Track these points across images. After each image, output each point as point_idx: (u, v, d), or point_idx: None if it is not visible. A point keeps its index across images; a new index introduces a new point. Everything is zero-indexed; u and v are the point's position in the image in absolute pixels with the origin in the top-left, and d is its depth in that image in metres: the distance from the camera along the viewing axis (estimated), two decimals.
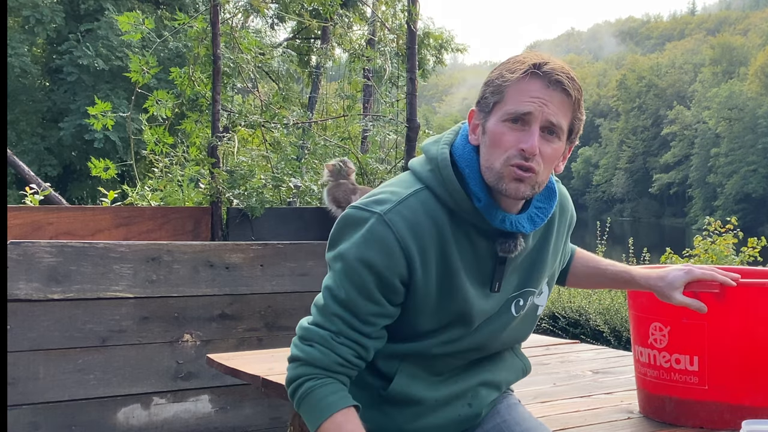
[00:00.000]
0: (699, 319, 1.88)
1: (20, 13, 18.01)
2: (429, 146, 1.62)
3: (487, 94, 1.53)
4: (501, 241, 1.58)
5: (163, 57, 14.56)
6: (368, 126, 5.01)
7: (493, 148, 1.51)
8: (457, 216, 1.55)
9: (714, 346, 1.90)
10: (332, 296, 1.54)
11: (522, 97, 1.49)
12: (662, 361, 1.97)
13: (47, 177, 17.05)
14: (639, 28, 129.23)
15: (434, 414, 1.66)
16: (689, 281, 1.82)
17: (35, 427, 3.15)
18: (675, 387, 1.95)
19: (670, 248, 7.13)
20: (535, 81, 1.49)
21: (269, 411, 3.61)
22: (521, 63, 1.51)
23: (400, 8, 4.96)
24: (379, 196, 1.56)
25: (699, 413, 1.92)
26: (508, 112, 1.49)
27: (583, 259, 1.95)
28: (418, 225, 1.52)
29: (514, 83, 1.50)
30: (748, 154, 62.41)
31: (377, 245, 1.50)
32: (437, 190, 1.55)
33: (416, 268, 1.52)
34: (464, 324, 1.61)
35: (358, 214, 1.54)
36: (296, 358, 1.55)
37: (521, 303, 1.67)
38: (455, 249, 1.55)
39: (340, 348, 1.52)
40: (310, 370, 1.53)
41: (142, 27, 4.49)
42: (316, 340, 1.53)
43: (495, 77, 1.53)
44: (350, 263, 1.51)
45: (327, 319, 1.54)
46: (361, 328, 1.53)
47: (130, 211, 4.08)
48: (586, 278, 1.95)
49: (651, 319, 1.98)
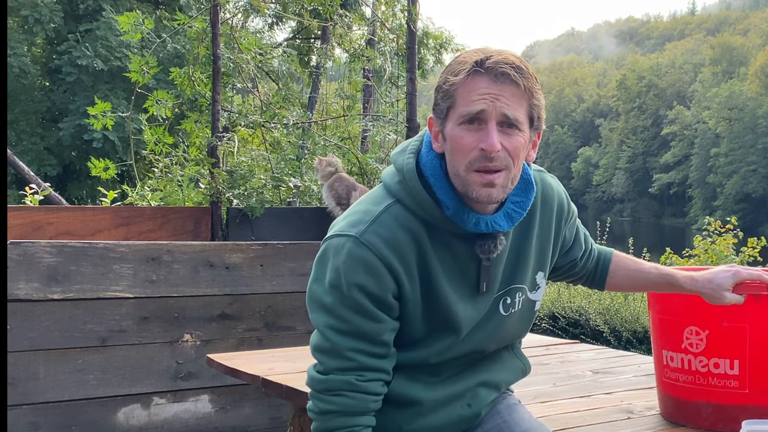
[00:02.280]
0: (740, 323, 1.87)
1: (19, 13, 18.00)
2: (396, 156, 1.59)
3: (439, 100, 1.50)
4: (480, 243, 1.55)
5: (162, 57, 14.55)
6: (368, 126, 5.00)
7: (455, 153, 1.48)
8: (431, 225, 1.53)
9: (756, 349, 1.88)
10: (337, 331, 1.51)
11: (471, 97, 1.45)
12: (698, 365, 1.94)
13: (47, 177, 17.04)
14: (639, 28, 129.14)
15: (434, 414, 1.66)
16: (736, 282, 1.79)
17: (35, 427, 3.15)
18: (713, 392, 1.93)
19: (670, 248, 7.13)
20: (481, 78, 1.45)
21: (269, 411, 3.61)
22: (464, 63, 1.47)
23: (399, 8, 4.96)
24: (352, 218, 1.54)
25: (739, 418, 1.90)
26: (461, 115, 1.46)
27: (623, 263, 1.91)
28: (395, 240, 1.51)
29: (461, 85, 1.46)
30: (748, 154, 62.41)
31: (361, 268, 1.49)
32: (407, 202, 1.53)
33: (403, 282, 1.51)
34: (453, 332, 1.59)
35: (335, 242, 1.53)
36: (326, 411, 1.52)
37: (509, 301, 1.65)
38: (435, 258, 1.54)
39: (368, 386, 1.52)
40: (344, 422, 1.52)
41: (141, 27, 4.49)
42: (342, 389, 1.51)
43: (442, 82, 1.49)
44: (344, 292, 1.49)
45: (343, 359, 1.51)
46: (377, 350, 1.52)
47: (130, 211, 4.08)
48: (628, 282, 1.92)
49: (685, 323, 1.96)
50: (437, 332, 1.59)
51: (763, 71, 66.76)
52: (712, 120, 67.51)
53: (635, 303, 6.64)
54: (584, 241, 1.86)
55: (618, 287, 1.94)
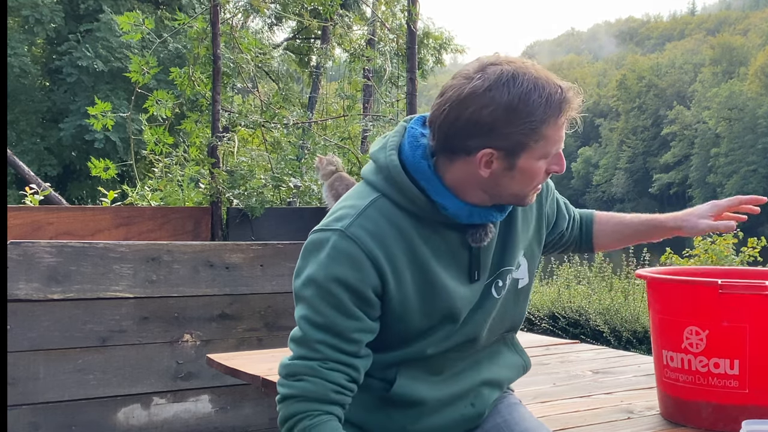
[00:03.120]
0: (740, 323, 1.87)
1: (20, 13, 18.02)
2: (377, 154, 1.58)
3: (517, 134, 1.45)
4: (471, 232, 1.57)
5: (163, 57, 14.56)
6: (368, 126, 5.01)
7: (529, 180, 1.52)
8: (419, 217, 1.53)
9: (756, 349, 1.88)
10: (310, 323, 1.50)
11: (558, 135, 1.50)
12: (698, 365, 1.94)
13: (47, 177, 17.06)
14: (639, 28, 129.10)
15: (437, 414, 1.66)
16: (715, 212, 1.88)
17: (35, 427, 3.15)
18: (713, 392, 1.93)
19: (670, 248, 7.13)
20: (564, 117, 1.49)
21: (269, 411, 3.61)
22: (552, 102, 1.46)
23: (399, 8, 4.96)
24: (338, 213, 1.54)
25: (739, 418, 1.90)
26: (547, 153, 1.50)
27: (605, 219, 1.96)
28: (381, 234, 1.50)
29: (551, 127, 1.47)
30: (748, 154, 62.43)
31: (345, 261, 1.48)
32: (394, 197, 1.53)
33: (388, 278, 1.50)
34: (451, 320, 1.60)
35: (319, 236, 1.52)
36: (287, 396, 1.51)
37: (500, 284, 1.66)
38: (426, 248, 1.54)
39: (330, 374, 1.49)
40: (304, 407, 1.49)
41: (141, 27, 4.49)
42: (304, 373, 1.49)
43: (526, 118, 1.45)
44: (322, 285, 1.48)
45: (310, 349, 1.50)
46: (347, 347, 1.50)
47: (130, 211, 4.09)
48: (614, 236, 1.95)
49: (685, 323, 1.95)
50: (435, 322, 1.59)
51: (763, 71, 66.76)
52: (712, 120, 67.52)
53: (635, 303, 6.65)
54: (566, 211, 1.89)
55: (606, 245, 1.98)
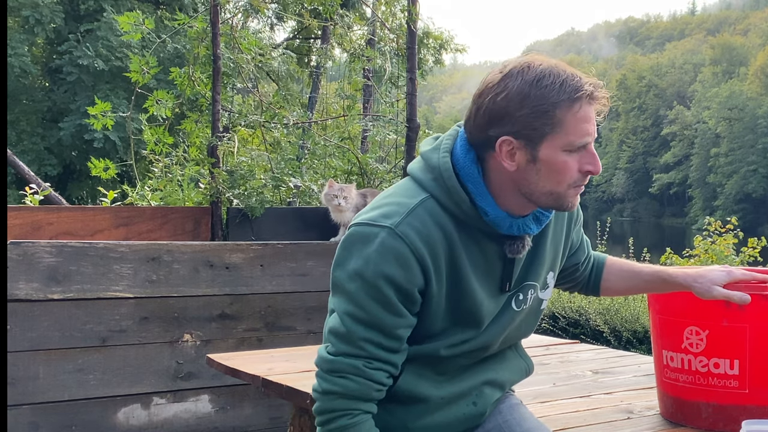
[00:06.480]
0: (740, 323, 1.87)
1: (20, 13, 18.01)
2: (429, 154, 1.59)
3: (533, 122, 1.46)
4: (509, 243, 1.59)
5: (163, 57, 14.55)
6: (368, 126, 5.01)
7: (556, 175, 1.50)
8: (463, 223, 1.55)
9: (756, 349, 1.88)
10: (354, 319, 1.51)
11: (583, 128, 1.48)
12: (698, 365, 1.94)
13: (47, 177, 17.05)
14: (639, 28, 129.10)
15: (439, 412, 1.67)
16: (729, 281, 1.78)
17: (35, 427, 3.15)
18: (713, 392, 1.93)
19: (670, 248, 7.13)
20: (590, 108, 1.49)
21: (269, 411, 3.61)
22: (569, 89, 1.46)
23: (399, 8, 4.96)
24: (385, 209, 1.54)
25: (739, 418, 1.90)
26: (570, 143, 1.48)
27: (616, 265, 1.93)
28: (429, 235, 1.51)
29: (570, 114, 1.47)
30: (748, 154, 62.40)
31: (394, 259, 1.49)
32: (442, 200, 1.54)
33: (431, 277, 1.52)
34: (474, 326, 1.62)
35: (366, 230, 1.51)
36: (329, 391, 1.52)
37: (521, 297, 1.67)
38: (464, 254, 1.55)
39: (374, 374, 1.52)
40: (345, 404, 1.52)
41: (141, 27, 4.49)
42: (348, 371, 1.51)
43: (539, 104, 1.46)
44: (369, 280, 1.49)
45: (355, 346, 1.51)
46: (390, 344, 1.53)
47: (130, 211, 4.08)
48: (622, 284, 1.93)
49: (685, 323, 1.96)
50: (458, 326, 1.60)
51: (763, 71, 66.77)
52: (712, 120, 67.49)
53: (635, 303, 6.64)
54: (586, 247, 1.90)
55: (613, 291, 1.95)
